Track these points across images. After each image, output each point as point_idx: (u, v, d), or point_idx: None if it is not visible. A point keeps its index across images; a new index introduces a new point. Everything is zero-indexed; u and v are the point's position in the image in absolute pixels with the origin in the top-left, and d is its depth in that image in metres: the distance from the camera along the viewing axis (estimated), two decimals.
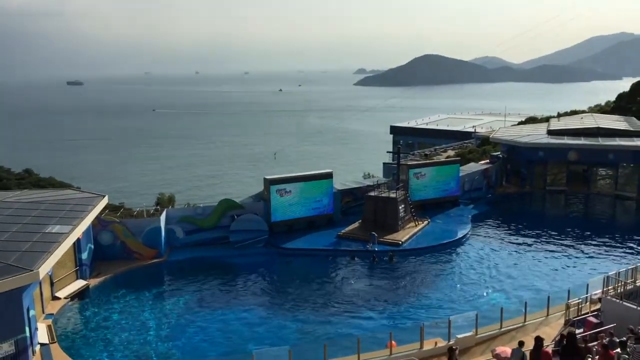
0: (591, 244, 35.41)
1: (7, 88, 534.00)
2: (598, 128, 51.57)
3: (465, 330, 21.30)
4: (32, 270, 19.68)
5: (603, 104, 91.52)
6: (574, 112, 76.65)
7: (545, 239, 36.64)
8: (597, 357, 15.54)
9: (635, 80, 78.93)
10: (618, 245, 35.17)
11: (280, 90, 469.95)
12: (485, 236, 37.46)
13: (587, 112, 74.82)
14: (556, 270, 31.06)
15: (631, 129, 51.46)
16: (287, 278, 31.41)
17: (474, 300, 26.99)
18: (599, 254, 33.69)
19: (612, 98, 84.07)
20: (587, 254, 33.76)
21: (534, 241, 36.22)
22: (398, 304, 26.90)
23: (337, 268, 32.04)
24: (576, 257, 33.11)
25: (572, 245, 35.23)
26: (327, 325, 24.55)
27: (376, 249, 33.83)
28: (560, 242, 35.99)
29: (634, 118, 59.00)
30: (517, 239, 36.73)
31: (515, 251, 34.32)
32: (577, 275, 29.70)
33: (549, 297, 23.40)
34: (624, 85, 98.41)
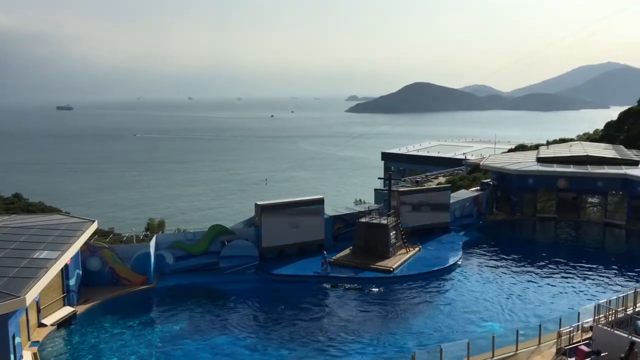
0: (582, 272, 35.43)
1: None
2: (587, 156, 52.10)
3: (458, 359, 21.11)
4: (18, 297, 19.42)
5: (592, 132, 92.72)
6: (563, 140, 77.47)
7: (536, 266, 36.64)
8: None
9: (622, 109, 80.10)
10: (608, 273, 35.22)
11: (272, 116, 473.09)
12: (476, 263, 37.42)
13: (576, 141, 75.69)
14: (547, 298, 30.98)
15: (619, 157, 52.01)
16: (276, 305, 31.09)
17: (465, 327, 26.80)
18: (590, 281, 33.70)
19: (601, 126, 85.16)
20: (577, 281, 33.75)
21: (525, 268, 36.21)
22: (389, 331, 26.65)
23: (326, 295, 31.78)
24: (567, 285, 33.08)
25: (562, 273, 35.23)
26: (316, 354, 24.22)
27: (329, 271, 34.18)
28: (551, 269, 36.00)
29: (622, 146, 59.72)
30: (508, 266, 36.70)
31: (507, 278, 34.23)
32: (568, 303, 29.65)
33: (540, 326, 23.32)
34: (612, 114, 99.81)
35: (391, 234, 37.31)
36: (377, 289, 32.14)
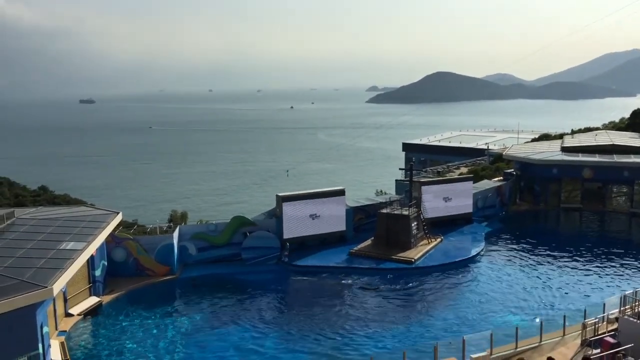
0: (607, 263, 34.91)
1: (22, 106, 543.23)
2: (612, 145, 51.19)
3: (480, 350, 21.00)
4: (46, 287, 19.78)
5: (617, 120, 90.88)
6: (587, 129, 76.19)
7: (560, 257, 36.19)
8: None
9: None
10: (635, 264, 34.65)
11: (292, 107, 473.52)
12: (499, 254, 37.09)
13: (601, 129, 74.37)
14: (572, 289, 30.62)
15: None
16: (298, 296, 31.27)
17: (488, 319, 26.63)
18: (616, 272, 33.19)
19: (627, 115, 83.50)
20: (603, 272, 33.27)
21: (549, 259, 35.80)
22: (411, 323, 26.61)
23: (348, 286, 31.79)
24: (592, 276, 32.64)
25: (587, 264, 34.76)
26: (338, 346, 24.28)
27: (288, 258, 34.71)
28: (576, 260, 35.54)
29: None
30: (531, 257, 36.31)
31: (530, 269, 33.89)
32: (593, 295, 29.29)
33: (564, 317, 23.07)
34: (638, 102, 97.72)
35: (413, 224, 37.15)
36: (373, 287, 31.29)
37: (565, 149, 52.13)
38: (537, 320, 22.84)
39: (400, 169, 54.14)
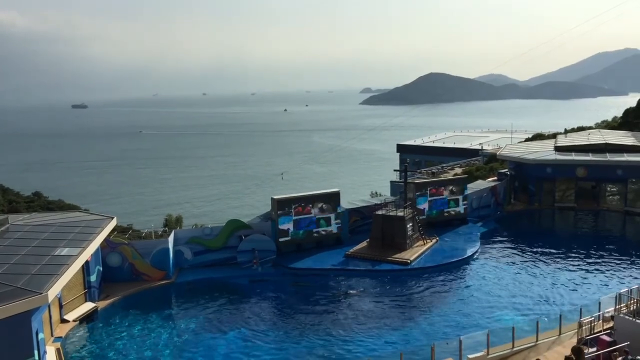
0: (602, 261, 35.02)
1: (14, 112, 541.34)
2: (606, 144, 51.38)
3: (477, 350, 21.04)
4: (41, 293, 19.70)
5: (610, 119, 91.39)
6: (580, 129, 76.53)
7: (556, 256, 36.28)
8: None
9: None
10: (629, 262, 34.77)
11: (285, 110, 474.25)
12: (494, 254, 37.14)
13: (594, 128, 74.70)
14: (567, 288, 30.70)
15: (639, 145, 51.23)
16: (294, 299, 31.19)
17: (484, 319, 26.66)
18: (610, 271, 33.29)
19: (619, 114, 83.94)
20: (598, 271, 33.38)
21: (544, 259, 35.88)
22: (407, 324, 26.62)
23: (344, 288, 31.78)
24: (587, 275, 32.73)
25: (582, 263, 34.86)
26: (334, 348, 24.26)
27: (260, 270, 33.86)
28: (571, 259, 35.64)
29: None
30: (526, 257, 36.40)
31: (525, 269, 33.96)
32: (588, 293, 29.35)
33: (560, 316, 23.13)
34: (630, 100, 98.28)
35: (408, 225, 37.21)
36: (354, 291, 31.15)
37: (558, 149, 52.31)
38: (546, 319, 22.89)
39: (394, 170, 54.22)
